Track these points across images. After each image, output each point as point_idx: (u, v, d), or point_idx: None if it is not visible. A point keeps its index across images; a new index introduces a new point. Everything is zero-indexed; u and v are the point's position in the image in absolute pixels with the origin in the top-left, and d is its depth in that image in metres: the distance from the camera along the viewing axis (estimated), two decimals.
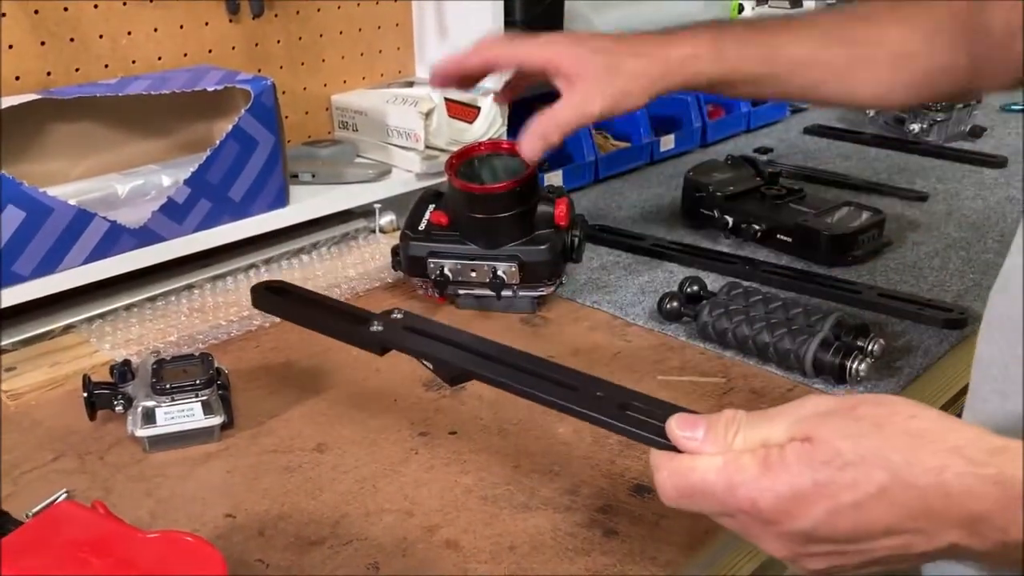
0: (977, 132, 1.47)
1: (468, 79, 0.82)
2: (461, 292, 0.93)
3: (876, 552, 0.46)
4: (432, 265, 0.90)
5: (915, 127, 1.45)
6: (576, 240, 0.92)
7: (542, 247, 0.89)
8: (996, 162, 1.35)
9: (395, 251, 0.94)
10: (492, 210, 0.88)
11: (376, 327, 0.64)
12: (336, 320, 0.67)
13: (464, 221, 0.90)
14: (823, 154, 1.43)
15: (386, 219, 1.12)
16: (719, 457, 0.48)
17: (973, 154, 1.39)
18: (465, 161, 0.91)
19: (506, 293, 0.91)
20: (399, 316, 0.65)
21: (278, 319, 0.93)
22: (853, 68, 0.75)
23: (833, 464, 0.45)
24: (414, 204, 0.96)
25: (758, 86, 0.77)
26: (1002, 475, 0.43)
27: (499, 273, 0.89)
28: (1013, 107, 1.62)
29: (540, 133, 0.77)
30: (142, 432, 0.72)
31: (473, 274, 0.90)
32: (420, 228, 0.92)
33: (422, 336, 0.63)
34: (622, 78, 0.75)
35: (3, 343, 0.85)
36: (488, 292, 0.91)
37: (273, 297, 0.72)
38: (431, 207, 0.94)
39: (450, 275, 0.90)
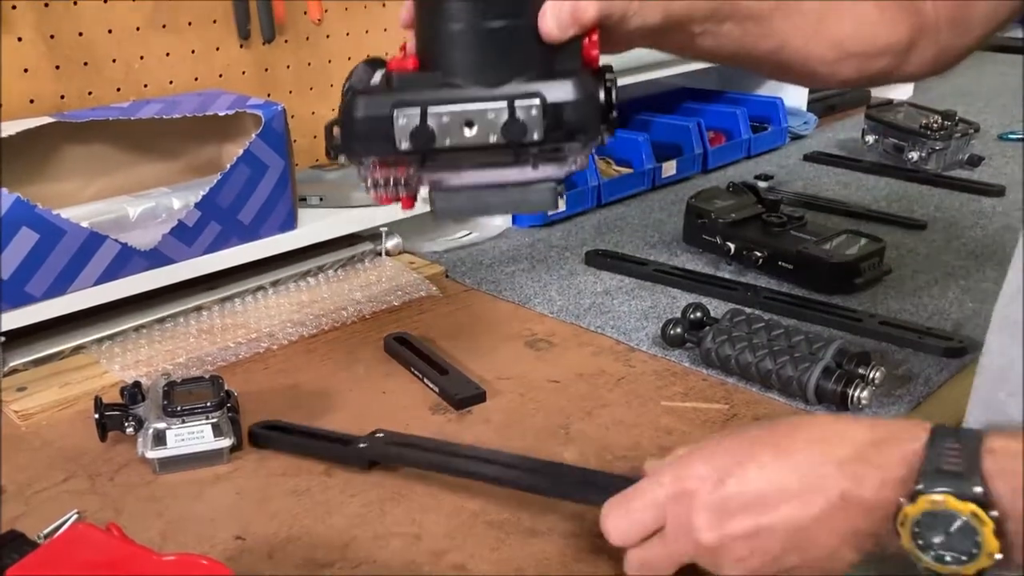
0: (975, 161, 1.49)
1: None
2: (444, 179, 0.60)
3: (777, 522, 0.53)
4: (403, 121, 0.56)
5: (913, 155, 1.47)
6: (612, 89, 0.60)
7: (570, 82, 0.58)
8: (994, 191, 1.37)
9: (329, 129, 0.60)
10: (500, 12, 0.57)
11: (362, 446, 0.73)
12: (326, 445, 0.76)
13: (449, 44, 0.57)
14: (823, 181, 1.44)
15: (392, 242, 1.13)
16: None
17: (971, 183, 1.41)
18: None
19: (515, 175, 0.59)
20: (381, 435, 0.74)
21: (286, 341, 0.94)
22: (822, 24, 0.75)
23: (740, 435, 0.57)
24: (350, 77, 0.62)
25: (739, 27, 0.73)
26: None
27: (517, 116, 0.56)
28: (1011, 136, 1.64)
29: (571, 5, 0.58)
30: (152, 454, 0.73)
31: (470, 131, 0.56)
32: (374, 82, 0.60)
33: (401, 447, 0.73)
34: None
35: (14, 363, 0.86)
36: (492, 168, 0.59)
37: (269, 433, 0.78)
38: (379, 70, 0.61)
39: (434, 130, 0.56)
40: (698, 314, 0.93)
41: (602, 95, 0.59)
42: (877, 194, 1.39)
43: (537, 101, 0.56)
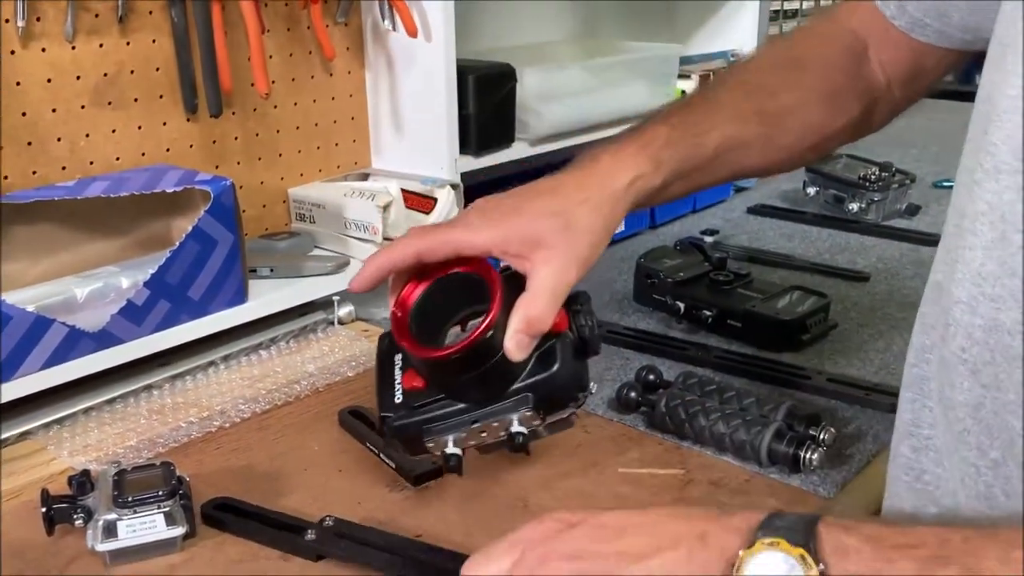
0: (913, 210, 1.53)
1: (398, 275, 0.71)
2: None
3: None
4: (431, 444, 0.70)
5: (854, 207, 1.51)
6: (588, 328, 0.69)
7: (554, 368, 0.67)
8: (932, 240, 1.39)
9: (385, 422, 0.72)
10: (474, 364, 0.66)
11: (310, 536, 0.73)
12: (277, 534, 0.75)
13: (443, 386, 0.70)
14: (767, 234, 1.48)
15: (345, 310, 1.13)
16: None
17: (910, 232, 1.45)
18: (413, 309, 0.70)
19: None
20: (330, 523, 0.74)
21: (238, 418, 0.93)
22: (769, 143, 0.79)
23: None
24: (377, 362, 0.75)
25: (688, 182, 0.76)
26: None
27: (516, 428, 0.69)
28: (945, 183, 1.70)
29: (527, 328, 0.64)
30: (103, 546, 0.71)
31: (484, 435, 0.70)
32: (397, 400, 0.70)
33: (350, 541, 0.72)
34: (581, 237, 0.68)
35: None
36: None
37: (222, 515, 0.77)
38: (399, 362, 0.73)
39: (460, 452, 0.70)
40: (651, 376, 0.95)
41: (578, 338, 0.69)
42: (820, 246, 1.42)
43: (530, 404, 0.68)
